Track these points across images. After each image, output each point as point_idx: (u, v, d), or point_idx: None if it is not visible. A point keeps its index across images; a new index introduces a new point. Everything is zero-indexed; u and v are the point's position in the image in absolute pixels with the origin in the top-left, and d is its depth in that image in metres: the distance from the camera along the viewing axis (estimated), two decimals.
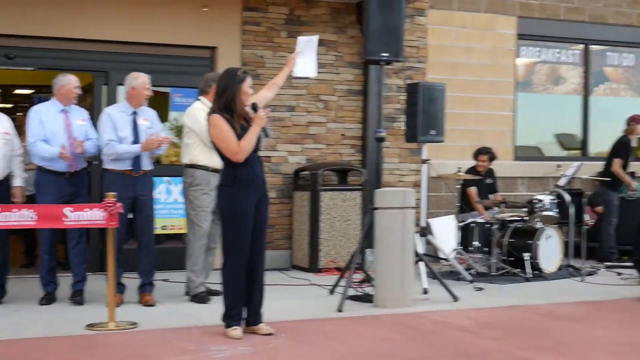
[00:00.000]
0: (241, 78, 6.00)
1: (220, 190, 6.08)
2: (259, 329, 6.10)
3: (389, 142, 10.59)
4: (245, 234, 5.96)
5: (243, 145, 5.89)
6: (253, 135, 5.93)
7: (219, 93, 6.03)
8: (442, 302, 7.55)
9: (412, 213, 7.39)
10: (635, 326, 6.55)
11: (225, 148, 5.93)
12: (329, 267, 9.65)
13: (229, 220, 5.99)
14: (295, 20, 10.41)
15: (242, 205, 5.94)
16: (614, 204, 10.73)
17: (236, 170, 5.95)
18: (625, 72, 12.76)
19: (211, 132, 6.01)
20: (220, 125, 5.92)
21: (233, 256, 5.97)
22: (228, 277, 6.01)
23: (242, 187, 5.94)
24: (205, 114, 7.52)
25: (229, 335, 5.94)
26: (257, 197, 6.03)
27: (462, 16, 11.40)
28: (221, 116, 5.93)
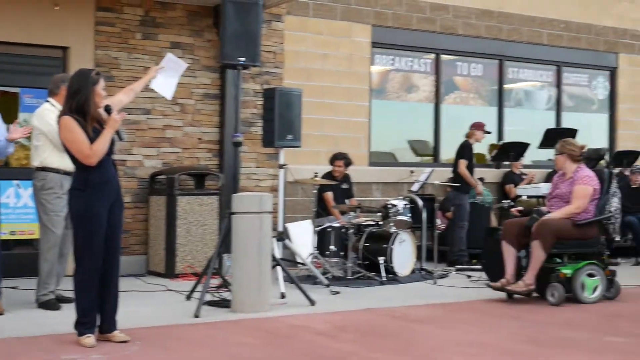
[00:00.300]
0: (94, 80, 5.85)
1: (72, 194, 5.89)
2: (114, 336, 5.93)
3: (246, 147, 10.56)
4: (98, 239, 5.80)
5: (96, 148, 5.73)
6: (106, 138, 5.78)
7: (71, 94, 5.85)
8: (300, 306, 7.57)
9: (269, 218, 7.39)
10: (484, 327, 6.76)
11: (77, 151, 5.76)
12: (186, 272, 9.52)
13: (81, 225, 5.82)
14: (151, 22, 10.24)
15: (94, 210, 5.77)
16: (465, 207, 11.06)
17: (89, 173, 5.79)
18: (474, 82, 13.21)
19: (62, 134, 5.82)
20: (71, 128, 5.74)
21: (85, 262, 5.80)
22: (80, 284, 5.83)
23: (94, 190, 5.77)
24: (55, 115, 7.31)
25: (81, 344, 5.75)
26: (110, 201, 5.88)
27: (318, 23, 11.51)
28: (73, 118, 5.75)
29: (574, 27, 13.89)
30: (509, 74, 13.47)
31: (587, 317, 7.20)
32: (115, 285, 5.99)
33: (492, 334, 6.42)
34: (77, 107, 5.79)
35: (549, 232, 7.89)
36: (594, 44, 14.13)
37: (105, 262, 5.89)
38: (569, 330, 6.60)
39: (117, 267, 6.01)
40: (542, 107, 13.94)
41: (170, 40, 10.37)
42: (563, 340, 6.17)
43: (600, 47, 14.21)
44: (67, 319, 6.21)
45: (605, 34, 14.24)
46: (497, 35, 13.13)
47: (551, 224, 7.96)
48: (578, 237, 8.06)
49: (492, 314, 7.37)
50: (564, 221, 8.06)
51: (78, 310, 5.85)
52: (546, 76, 13.92)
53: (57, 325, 6.51)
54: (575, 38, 13.92)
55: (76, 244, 5.88)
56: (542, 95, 13.93)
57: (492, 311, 7.55)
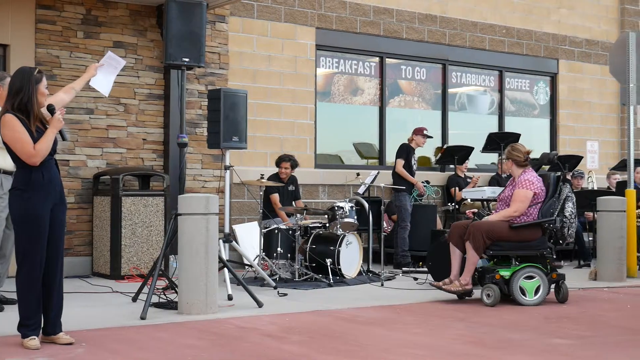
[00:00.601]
0: (37, 78, 5.74)
1: (13, 195, 5.75)
2: (58, 338, 5.80)
3: (191, 148, 10.47)
4: (41, 239, 5.68)
5: (39, 147, 5.61)
6: (50, 137, 5.67)
7: (13, 93, 5.72)
8: (247, 308, 7.51)
9: (215, 219, 7.31)
10: (431, 329, 6.78)
11: (20, 150, 5.62)
12: (132, 274, 9.40)
13: (22, 226, 5.69)
14: (93, 20, 10.10)
15: (36, 210, 5.65)
16: (406, 208, 11.10)
17: (31, 173, 5.66)
18: (418, 86, 13.30)
19: (4, 132, 5.67)
20: (14, 126, 5.60)
21: (27, 263, 5.67)
22: (23, 285, 5.69)
23: (36, 191, 5.65)
24: None
25: (25, 346, 5.62)
26: (52, 201, 5.75)
27: (262, 24, 11.47)
28: (15, 117, 5.62)
29: (515, 33, 14.08)
30: (452, 78, 13.60)
31: (532, 319, 7.26)
32: (59, 287, 5.87)
33: (439, 336, 6.44)
34: (20, 105, 5.67)
35: (479, 234, 8.01)
36: (534, 50, 14.34)
37: (49, 263, 5.77)
38: (514, 332, 6.64)
39: (60, 268, 5.89)
40: (484, 111, 14.10)
41: (113, 40, 10.24)
42: (509, 342, 6.22)
43: (540, 53, 14.43)
44: (10, 320, 6.07)
45: (545, 40, 14.47)
46: (440, 39, 13.24)
47: (482, 226, 8.09)
48: (515, 240, 8.13)
49: (439, 316, 7.40)
50: (499, 223, 8.15)
51: (21, 312, 5.72)
52: (489, 81, 14.09)
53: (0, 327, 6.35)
54: (517, 44, 14.12)
55: (18, 246, 5.75)
56: (484, 99, 14.09)
57: (439, 313, 7.57)
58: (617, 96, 15.04)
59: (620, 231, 10.04)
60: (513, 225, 8.10)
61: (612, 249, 10.01)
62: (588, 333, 6.65)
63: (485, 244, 8.05)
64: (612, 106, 15.36)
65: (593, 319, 7.43)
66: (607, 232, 10.09)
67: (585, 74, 15.03)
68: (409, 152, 11.24)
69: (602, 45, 15.22)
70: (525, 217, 8.16)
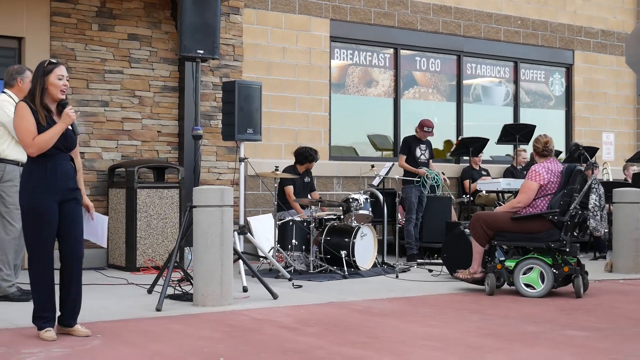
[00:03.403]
0: (48, 69, 5.73)
1: (21, 186, 5.76)
2: (75, 330, 5.82)
3: (206, 140, 10.49)
4: (46, 233, 5.66)
5: (38, 139, 5.58)
6: (56, 131, 5.63)
7: (31, 85, 5.80)
8: (262, 300, 7.52)
9: (230, 211, 7.31)
10: (446, 321, 6.76)
11: (20, 139, 5.67)
12: (147, 265, 9.43)
13: (27, 219, 5.70)
14: (107, 13, 10.12)
15: (38, 204, 5.63)
16: (410, 200, 11.06)
17: (34, 165, 5.66)
18: (433, 77, 13.26)
19: (14, 120, 5.74)
20: (22, 115, 5.63)
21: (36, 256, 5.69)
22: (35, 278, 5.72)
23: (38, 184, 5.63)
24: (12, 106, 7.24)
25: (42, 337, 5.64)
26: (60, 197, 5.70)
27: (277, 16, 11.46)
28: (27, 105, 5.64)
29: (530, 24, 14.02)
30: (467, 70, 13.55)
31: (549, 312, 7.24)
32: (77, 280, 5.85)
33: (455, 328, 6.42)
34: (31, 97, 5.71)
35: (478, 224, 8.11)
36: (550, 41, 14.27)
37: (66, 257, 5.78)
38: (530, 324, 6.62)
39: (76, 263, 5.85)
40: (500, 102, 14.05)
41: (128, 32, 10.26)
42: (524, 334, 6.19)
43: (556, 44, 14.36)
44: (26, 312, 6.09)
45: (561, 31, 14.40)
46: (455, 30, 13.19)
47: (482, 217, 8.21)
48: (518, 231, 8.11)
49: (454, 308, 7.38)
50: (501, 214, 8.19)
51: (35, 304, 5.74)
52: (504, 72, 14.03)
53: (16, 318, 6.40)
54: (532, 35, 14.05)
55: (26, 238, 5.76)
56: (500, 91, 14.04)
57: (454, 305, 7.56)
58: (633, 87, 14.96)
59: (636, 223, 9.99)
60: (514, 216, 8.09)
61: (628, 240, 9.97)
62: (604, 325, 6.63)
63: (487, 234, 8.08)
64: (628, 97, 15.28)
65: (609, 311, 7.40)
66: (622, 224, 10.05)
67: (601, 65, 14.94)
68: (410, 145, 11.20)
69: (617, 36, 15.12)
70: (532, 208, 8.12)
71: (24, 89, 7.45)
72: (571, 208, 7.99)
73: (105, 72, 10.07)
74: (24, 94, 7.42)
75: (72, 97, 9.77)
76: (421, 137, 11.28)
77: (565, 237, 8.00)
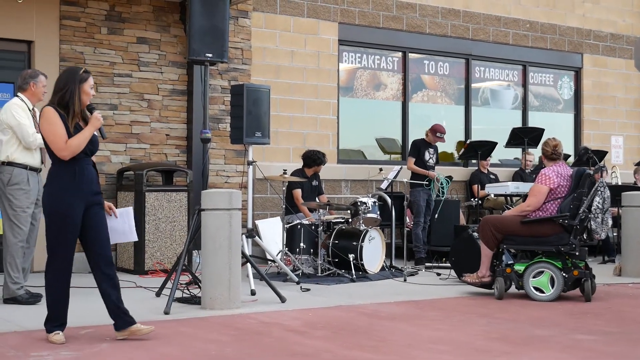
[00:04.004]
0: (83, 77, 5.79)
1: (45, 191, 5.80)
2: (137, 330, 5.87)
3: (214, 143, 10.50)
4: (69, 237, 5.70)
5: (71, 142, 5.65)
6: (86, 135, 5.72)
7: (57, 89, 5.79)
8: (270, 303, 7.52)
9: (238, 214, 7.32)
10: (454, 324, 6.75)
11: (52, 142, 5.68)
12: (155, 269, 9.44)
13: (52, 222, 5.73)
14: (117, 16, 10.15)
15: (66, 207, 5.67)
16: (418, 204, 11.06)
17: (63, 169, 5.70)
18: (441, 80, 13.25)
19: (41, 124, 5.75)
20: (51, 119, 5.67)
21: (55, 260, 5.72)
22: (50, 281, 5.75)
23: (66, 188, 5.68)
24: (23, 110, 7.28)
25: (51, 340, 5.67)
26: (85, 202, 5.75)
27: (285, 20, 11.47)
28: (55, 110, 5.68)
29: (538, 28, 14.00)
30: (475, 73, 13.54)
31: (557, 315, 7.22)
32: (113, 282, 5.87)
33: (463, 332, 6.41)
34: (61, 101, 5.73)
35: (487, 227, 8.11)
36: (558, 44, 14.25)
37: (97, 262, 5.81)
38: (538, 328, 6.61)
39: (109, 265, 5.88)
40: (508, 106, 14.03)
41: (137, 36, 10.28)
42: (533, 338, 6.18)
43: (565, 48, 14.34)
44: (35, 315, 6.11)
45: (569, 35, 14.37)
46: (463, 34, 13.18)
47: (491, 220, 8.20)
48: (528, 235, 8.10)
49: (462, 312, 7.38)
50: (510, 218, 8.18)
51: (49, 307, 5.77)
52: (512, 75, 14.01)
53: (25, 321, 6.42)
54: (541, 38, 14.03)
55: (47, 242, 5.78)
56: (508, 94, 14.02)
57: (462, 309, 7.55)
58: None
59: None
60: (523, 220, 8.08)
61: (637, 244, 9.93)
62: (613, 329, 6.61)
63: (496, 238, 8.07)
64: (637, 100, 15.24)
65: (618, 314, 7.38)
66: (631, 228, 10.01)
67: (610, 69, 14.91)
68: (419, 148, 11.20)
69: (627, 39, 15.09)
70: (542, 212, 8.11)
71: (36, 93, 7.51)
72: (580, 212, 7.97)
73: (114, 75, 10.10)
74: (36, 98, 7.50)
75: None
76: (431, 142, 11.27)
77: (575, 241, 7.98)
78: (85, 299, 7.50)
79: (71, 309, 5.90)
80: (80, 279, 8.87)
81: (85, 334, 6.05)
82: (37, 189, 7.40)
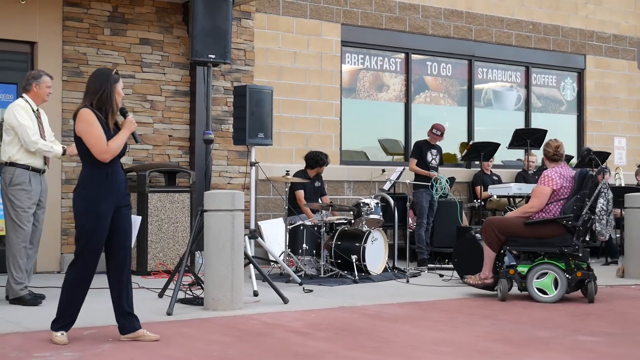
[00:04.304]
0: (115, 78, 5.82)
1: (78, 192, 5.77)
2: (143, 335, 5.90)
3: (217, 144, 10.50)
4: (99, 239, 5.72)
5: (112, 145, 5.69)
6: (123, 137, 5.77)
7: (92, 91, 5.77)
8: (273, 304, 7.52)
9: (241, 215, 7.33)
10: (457, 325, 6.75)
11: (94, 145, 5.66)
12: (158, 270, 9.44)
13: (83, 223, 5.73)
14: (119, 17, 10.15)
15: (98, 208, 5.69)
16: (421, 205, 11.06)
17: (96, 171, 5.71)
18: (444, 82, 13.25)
19: (80, 126, 5.70)
20: (91, 121, 5.67)
21: (81, 261, 5.74)
22: (70, 281, 5.75)
23: (100, 190, 5.70)
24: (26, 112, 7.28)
25: (55, 341, 5.67)
26: (115, 203, 5.79)
27: (288, 21, 11.47)
28: (93, 112, 5.69)
29: (541, 29, 13.99)
30: (478, 74, 13.53)
31: (560, 317, 7.22)
32: (130, 285, 5.94)
33: (465, 333, 6.41)
34: (99, 104, 5.74)
35: (490, 229, 8.10)
36: (561, 46, 14.25)
37: (118, 264, 5.86)
38: (541, 329, 6.60)
39: (128, 269, 5.98)
40: (511, 107, 14.03)
41: (140, 37, 10.29)
42: (535, 339, 6.18)
43: (567, 49, 14.33)
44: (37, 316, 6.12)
45: (572, 36, 14.37)
46: (466, 35, 13.18)
47: (495, 222, 8.19)
48: (531, 236, 8.09)
49: (465, 313, 7.38)
50: (513, 219, 8.18)
51: (60, 306, 5.76)
52: (515, 77, 14.01)
53: (28, 322, 6.42)
54: (544, 39, 14.03)
55: (77, 242, 5.80)
56: (511, 95, 14.02)
57: (465, 310, 7.55)
58: None
59: None
60: (527, 221, 8.07)
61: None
62: (616, 330, 6.61)
63: (499, 239, 8.06)
64: None
65: (620, 316, 7.38)
66: (634, 229, 10.00)
67: (613, 70, 14.90)
68: (421, 149, 11.21)
69: (629, 40, 15.08)
70: (545, 213, 8.10)
71: (40, 94, 7.51)
72: (583, 213, 7.97)
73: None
74: (40, 99, 7.50)
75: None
76: (431, 141, 11.28)
77: (578, 242, 7.97)
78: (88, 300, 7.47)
79: None
80: None
81: (89, 334, 6.05)
82: (39, 189, 7.42)
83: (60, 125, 9.58)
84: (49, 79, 7.60)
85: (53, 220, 9.28)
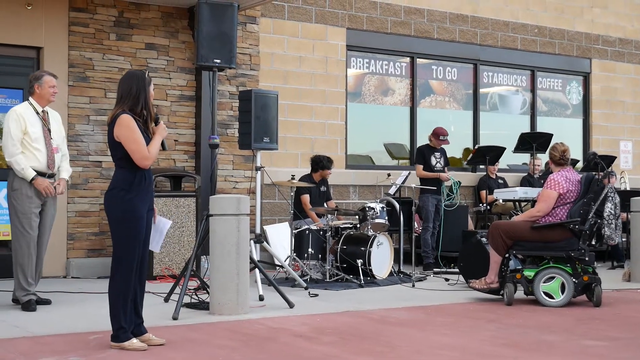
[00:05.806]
0: (149, 81, 5.84)
1: (114, 195, 5.74)
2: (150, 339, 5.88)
3: (222, 149, 10.51)
4: (138, 242, 5.74)
5: (152, 150, 5.74)
6: (157, 144, 5.80)
7: (127, 95, 5.75)
8: (278, 309, 7.52)
9: (246, 220, 7.33)
10: (463, 330, 6.74)
11: (135, 150, 5.65)
12: (164, 274, 9.45)
13: (120, 227, 5.71)
14: (125, 22, 10.17)
15: (136, 212, 5.71)
16: (427, 209, 11.05)
17: (134, 174, 5.72)
18: (449, 86, 13.24)
19: (121, 131, 5.64)
20: (132, 127, 5.66)
21: (123, 267, 5.71)
22: (118, 291, 5.70)
23: (137, 193, 5.72)
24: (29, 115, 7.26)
25: (132, 348, 5.65)
26: (148, 202, 5.85)
27: (293, 25, 11.48)
28: (132, 117, 5.70)
29: (547, 33, 13.98)
30: (483, 78, 13.53)
31: (565, 321, 7.20)
32: (143, 288, 5.97)
33: (471, 337, 6.40)
34: (134, 107, 5.73)
35: (497, 233, 8.08)
36: (567, 49, 14.23)
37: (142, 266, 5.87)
38: (547, 333, 6.59)
39: (146, 269, 6.03)
40: (516, 111, 14.02)
41: (145, 42, 10.31)
42: (541, 344, 6.17)
43: (573, 53, 14.32)
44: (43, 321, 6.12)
45: (578, 40, 14.36)
46: (471, 39, 13.18)
47: (501, 226, 8.18)
48: (538, 240, 8.08)
49: (471, 317, 7.37)
50: (520, 223, 8.16)
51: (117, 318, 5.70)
52: (520, 81, 14.00)
53: (34, 327, 6.43)
54: (549, 43, 14.02)
55: (115, 249, 5.78)
56: (516, 99, 14.01)
57: (471, 314, 7.54)
58: None
59: None
60: (534, 225, 8.06)
61: None
62: (622, 335, 6.59)
63: (506, 243, 8.06)
64: None
65: (627, 320, 7.36)
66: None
67: (619, 73, 14.88)
68: (424, 153, 11.20)
69: (635, 44, 15.07)
70: (552, 217, 8.09)
71: (43, 95, 7.46)
72: (589, 217, 7.95)
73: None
74: (45, 100, 7.46)
75: (90, 107, 9.84)
76: (435, 146, 11.27)
77: (584, 246, 7.96)
78: (94, 304, 7.52)
79: (81, 314, 5.92)
80: (89, 284, 8.92)
81: (95, 339, 6.05)
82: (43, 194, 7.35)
83: (67, 130, 9.58)
84: (52, 78, 7.51)
85: (59, 225, 9.28)
